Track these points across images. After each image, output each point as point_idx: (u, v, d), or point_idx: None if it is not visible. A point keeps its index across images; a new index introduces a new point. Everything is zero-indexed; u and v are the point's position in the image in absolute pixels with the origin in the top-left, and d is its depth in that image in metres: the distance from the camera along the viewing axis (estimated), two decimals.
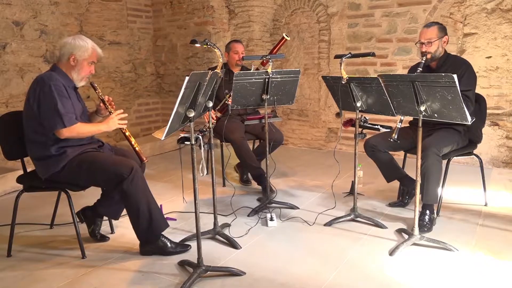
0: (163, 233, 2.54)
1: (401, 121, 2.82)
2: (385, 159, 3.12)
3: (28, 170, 2.68)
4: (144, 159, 2.60)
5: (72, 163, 2.45)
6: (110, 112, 2.60)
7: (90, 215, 2.72)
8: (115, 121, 2.53)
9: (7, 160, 2.62)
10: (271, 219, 2.96)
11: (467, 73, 2.85)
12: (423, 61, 2.86)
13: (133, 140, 2.61)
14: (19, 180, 2.61)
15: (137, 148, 2.60)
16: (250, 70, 3.65)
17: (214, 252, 2.55)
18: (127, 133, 2.62)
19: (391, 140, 2.77)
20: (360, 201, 3.31)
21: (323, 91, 5.18)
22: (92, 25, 5.10)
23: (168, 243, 2.52)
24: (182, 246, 2.56)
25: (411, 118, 3.09)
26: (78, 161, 2.45)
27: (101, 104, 2.66)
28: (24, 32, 4.40)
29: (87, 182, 2.54)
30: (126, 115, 2.59)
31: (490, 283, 2.16)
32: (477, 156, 3.15)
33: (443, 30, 2.90)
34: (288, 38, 3.61)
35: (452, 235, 2.68)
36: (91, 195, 2.78)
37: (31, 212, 3.23)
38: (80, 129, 2.43)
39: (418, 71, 2.82)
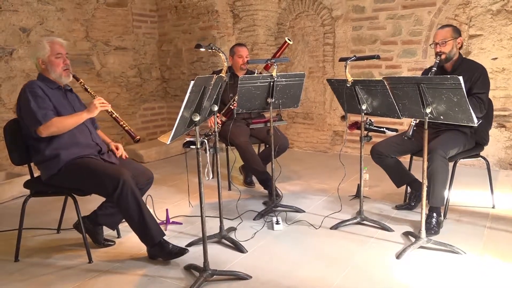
0: (169, 238, 2.53)
1: (415, 119, 2.83)
2: (392, 165, 3.11)
3: (35, 175, 2.70)
4: (136, 136, 2.59)
5: (68, 167, 2.47)
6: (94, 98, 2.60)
7: (89, 226, 2.70)
8: (95, 104, 2.49)
9: (15, 165, 2.64)
10: (277, 223, 2.95)
11: (482, 77, 2.84)
12: (438, 61, 2.88)
13: (122, 122, 2.62)
14: (26, 185, 2.63)
15: (126, 128, 2.61)
16: (255, 73, 3.65)
17: (220, 256, 2.54)
18: (114, 115, 2.61)
19: (405, 138, 2.78)
20: (366, 204, 3.30)
21: (328, 94, 5.17)
22: (98, 31, 5.14)
23: (169, 245, 2.50)
24: (180, 250, 2.50)
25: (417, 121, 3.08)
26: (73, 166, 2.47)
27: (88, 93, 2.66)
28: (31, 38, 4.44)
29: (82, 188, 2.53)
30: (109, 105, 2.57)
31: (498, 286, 2.14)
32: (484, 158, 3.13)
33: (457, 31, 2.91)
34: (291, 42, 3.62)
35: (459, 238, 2.66)
36: (97, 200, 2.78)
37: (38, 217, 3.25)
38: (59, 123, 2.43)
39: (433, 70, 2.84)
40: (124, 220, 2.77)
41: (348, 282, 2.22)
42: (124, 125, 2.61)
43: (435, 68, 2.86)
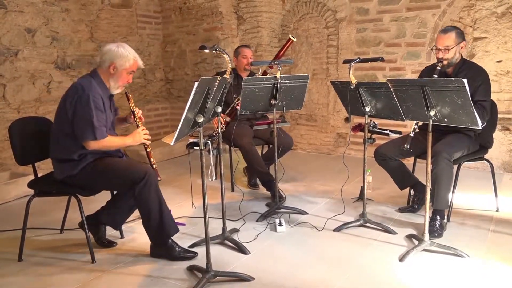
0: (173, 238, 2.55)
1: (414, 130, 2.81)
2: (396, 167, 3.10)
3: (39, 175, 2.71)
4: (159, 177, 2.60)
5: (87, 167, 2.48)
6: (137, 126, 2.62)
7: (93, 224, 2.72)
8: (141, 135, 2.57)
9: (19, 165, 2.66)
10: (280, 224, 2.95)
11: (485, 83, 2.80)
12: (439, 68, 2.81)
13: (152, 158, 2.64)
14: (30, 185, 2.64)
15: (154, 166, 2.62)
16: (257, 75, 3.66)
17: (223, 257, 2.55)
18: (148, 149, 2.64)
19: (404, 149, 2.76)
20: (370, 207, 3.29)
21: (331, 96, 5.17)
22: (103, 32, 5.15)
23: (176, 248, 2.53)
24: (189, 253, 2.56)
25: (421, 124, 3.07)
26: (93, 165, 2.49)
27: (131, 116, 2.69)
28: (35, 39, 4.46)
29: (101, 186, 2.57)
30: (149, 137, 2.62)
31: None
32: (488, 161, 3.12)
33: (460, 35, 2.82)
34: (295, 40, 3.61)
35: (463, 241, 2.66)
36: (101, 200, 2.80)
37: (42, 217, 3.26)
38: (108, 143, 2.47)
39: (434, 77, 2.79)
40: (127, 220, 2.80)
41: (351, 285, 2.21)
42: (152, 162, 2.63)
43: (436, 75, 2.76)
